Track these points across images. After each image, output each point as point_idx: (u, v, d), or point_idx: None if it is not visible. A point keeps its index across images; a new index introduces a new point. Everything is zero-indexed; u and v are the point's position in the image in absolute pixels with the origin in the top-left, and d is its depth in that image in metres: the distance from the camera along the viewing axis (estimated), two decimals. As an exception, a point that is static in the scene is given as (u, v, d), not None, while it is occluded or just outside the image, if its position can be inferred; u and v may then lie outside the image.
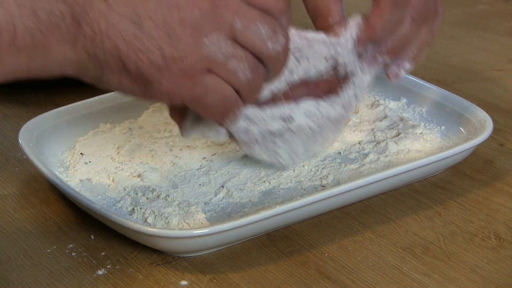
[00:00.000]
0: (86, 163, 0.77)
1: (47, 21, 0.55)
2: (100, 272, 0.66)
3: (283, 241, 0.70)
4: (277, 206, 0.67)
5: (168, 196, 0.72)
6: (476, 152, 0.80)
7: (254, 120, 0.69)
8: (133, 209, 0.71)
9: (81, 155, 0.78)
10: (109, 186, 0.75)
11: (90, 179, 0.76)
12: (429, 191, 0.76)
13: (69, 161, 0.78)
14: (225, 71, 0.60)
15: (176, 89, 0.59)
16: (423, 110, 0.85)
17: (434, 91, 0.85)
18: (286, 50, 0.62)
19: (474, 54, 1.05)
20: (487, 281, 0.65)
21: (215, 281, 0.65)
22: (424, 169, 0.75)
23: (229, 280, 0.66)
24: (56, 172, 0.75)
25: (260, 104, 0.69)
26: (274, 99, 0.69)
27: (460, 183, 0.78)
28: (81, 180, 0.76)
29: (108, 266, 0.67)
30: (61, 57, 0.57)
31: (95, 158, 0.78)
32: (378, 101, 0.88)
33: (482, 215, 0.73)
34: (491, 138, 0.80)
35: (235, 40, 0.59)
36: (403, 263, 0.67)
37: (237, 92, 0.62)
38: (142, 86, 0.59)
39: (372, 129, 0.83)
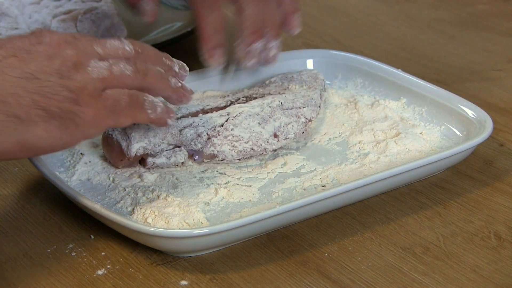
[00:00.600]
0: (86, 163, 0.77)
1: None
2: (100, 272, 0.66)
3: (283, 241, 0.70)
4: (277, 206, 0.67)
5: (168, 196, 0.72)
6: (476, 152, 0.80)
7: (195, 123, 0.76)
8: (133, 209, 0.71)
9: (81, 155, 0.78)
10: (109, 186, 0.75)
11: (90, 179, 0.76)
12: (429, 191, 0.76)
13: (69, 161, 0.78)
14: (115, 79, 0.67)
15: (97, 113, 0.65)
16: (423, 110, 0.85)
17: (434, 91, 0.85)
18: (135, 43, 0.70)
19: (474, 54, 1.06)
20: (487, 281, 0.65)
21: (215, 281, 0.65)
22: (424, 169, 0.75)
23: (229, 280, 0.66)
24: (56, 172, 0.75)
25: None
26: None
27: (460, 183, 0.78)
28: (81, 180, 0.76)
29: (108, 266, 0.67)
30: None
31: (95, 158, 0.78)
32: (378, 101, 0.88)
33: (482, 215, 0.73)
34: (491, 138, 0.80)
35: (103, 58, 0.67)
36: (403, 263, 0.67)
37: (138, 88, 0.68)
38: (71, 124, 0.64)
39: (372, 129, 0.83)
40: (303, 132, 0.80)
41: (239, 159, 0.77)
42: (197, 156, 0.76)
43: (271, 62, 0.85)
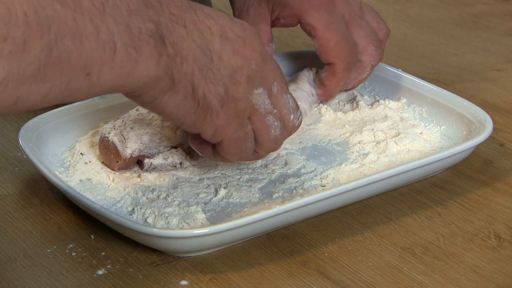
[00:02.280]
0: (86, 163, 0.77)
1: (139, 37, 0.58)
2: (100, 272, 0.66)
3: (283, 241, 0.70)
4: (277, 206, 0.67)
5: (168, 196, 0.72)
6: (476, 152, 0.80)
7: None
8: (133, 209, 0.71)
9: (81, 155, 0.78)
10: (109, 186, 0.75)
11: (90, 179, 0.76)
12: (429, 191, 0.76)
13: (69, 161, 0.78)
14: (261, 122, 0.67)
15: (225, 126, 0.65)
16: (423, 110, 0.85)
17: (434, 91, 0.85)
18: (299, 125, 0.71)
19: (474, 54, 1.05)
20: (487, 281, 0.65)
21: (215, 281, 0.65)
22: (424, 169, 0.75)
23: (229, 280, 0.66)
24: (56, 172, 0.75)
25: None
26: None
27: (460, 183, 0.78)
28: (81, 180, 0.76)
29: (108, 266, 0.67)
30: (144, 72, 0.59)
31: (95, 158, 0.78)
32: (378, 101, 0.88)
33: (482, 215, 0.73)
34: (491, 138, 0.80)
35: (269, 98, 0.67)
36: (403, 263, 0.67)
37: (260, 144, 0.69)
38: (201, 113, 0.64)
39: (372, 129, 0.83)
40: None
41: None
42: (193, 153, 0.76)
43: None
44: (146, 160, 0.75)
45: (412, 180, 0.76)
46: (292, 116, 0.69)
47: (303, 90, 0.82)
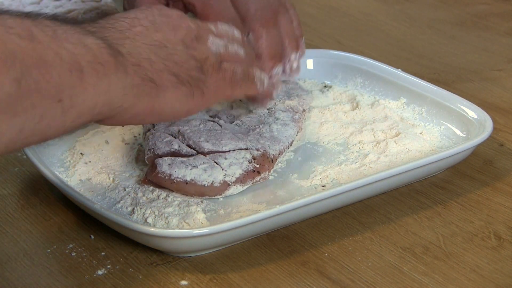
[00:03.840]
0: (86, 163, 0.77)
1: (99, 52, 0.59)
2: (100, 272, 0.66)
3: (283, 241, 0.70)
4: (277, 206, 0.67)
5: (168, 196, 0.72)
6: (476, 152, 0.80)
7: None
8: (133, 209, 0.71)
9: (81, 155, 0.78)
10: (109, 186, 0.75)
11: (90, 179, 0.76)
12: (429, 191, 0.76)
13: (69, 161, 0.78)
14: (229, 57, 0.70)
15: (217, 84, 0.68)
16: (423, 110, 0.85)
17: (434, 91, 0.85)
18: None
19: (474, 54, 1.06)
20: (487, 281, 0.65)
21: (215, 281, 0.65)
22: (424, 169, 0.75)
23: (229, 280, 0.66)
24: (56, 172, 0.75)
25: None
26: None
27: (460, 183, 0.78)
28: (81, 180, 0.76)
29: (108, 266, 0.67)
30: (120, 85, 0.60)
31: (95, 158, 0.78)
32: (378, 101, 0.88)
33: (482, 215, 0.73)
34: (491, 138, 0.80)
35: (218, 36, 0.71)
36: (403, 263, 0.67)
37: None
38: (197, 92, 0.66)
39: (372, 129, 0.83)
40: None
41: None
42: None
43: (295, 74, 0.85)
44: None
45: (412, 180, 0.76)
46: (234, 30, 0.73)
47: None
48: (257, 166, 0.73)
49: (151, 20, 0.66)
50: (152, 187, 0.73)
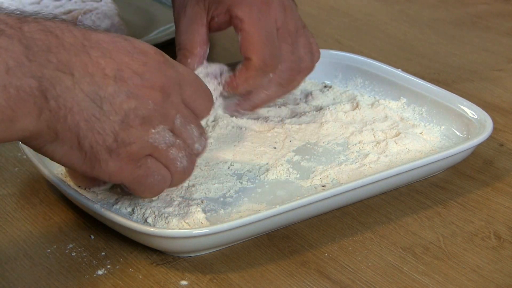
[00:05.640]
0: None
1: (17, 97, 0.57)
2: (100, 272, 0.66)
3: (283, 241, 0.70)
4: (277, 206, 0.67)
5: (168, 196, 0.72)
6: (476, 152, 0.80)
7: None
8: (133, 209, 0.71)
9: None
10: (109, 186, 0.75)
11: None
12: (429, 191, 0.76)
13: (69, 161, 0.78)
14: (165, 157, 0.64)
15: (119, 171, 0.63)
16: (423, 110, 0.85)
17: (434, 91, 0.85)
18: (204, 150, 0.68)
19: (474, 54, 1.05)
20: (487, 281, 0.65)
21: (215, 281, 0.65)
22: (424, 169, 0.75)
23: (229, 280, 0.66)
24: (56, 172, 0.75)
25: None
26: None
27: (460, 183, 0.78)
28: (81, 180, 0.76)
29: (108, 266, 0.67)
30: (22, 128, 0.58)
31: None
32: (378, 101, 0.88)
33: (482, 215, 0.73)
34: (491, 138, 0.80)
35: (173, 129, 0.64)
36: (403, 263, 0.67)
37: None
38: (89, 163, 0.62)
39: (372, 129, 0.83)
40: None
41: None
42: None
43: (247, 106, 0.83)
44: None
45: (412, 180, 0.76)
46: (196, 145, 0.66)
47: (211, 73, 0.81)
48: None
49: (120, 69, 0.60)
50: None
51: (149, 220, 0.69)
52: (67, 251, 0.69)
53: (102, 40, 0.61)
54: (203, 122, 0.72)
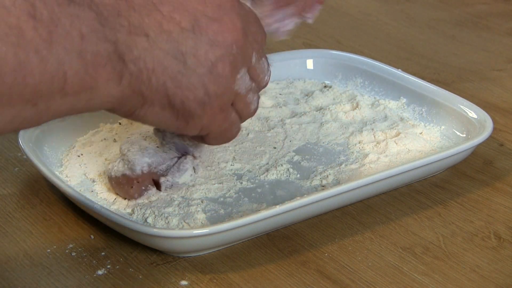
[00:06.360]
0: (85, 163, 0.77)
1: (94, 62, 0.55)
2: (100, 272, 0.66)
3: (283, 241, 0.70)
4: (277, 206, 0.67)
5: (168, 196, 0.72)
6: (476, 152, 0.80)
7: None
8: (133, 209, 0.71)
9: (80, 155, 0.78)
10: (109, 186, 0.75)
11: (90, 179, 0.76)
12: (429, 191, 0.76)
13: (69, 161, 0.78)
14: (243, 103, 0.63)
15: (211, 123, 0.62)
16: (423, 110, 0.85)
17: (434, 91, 0.85)
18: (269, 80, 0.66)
19: (474, 54, 1.06)
20: (487, 281, 0.65)
21: (215, 281, 0.65)
22: (424, 169, 0.75)
23: (229, 280, 0.66)
24: (56, 172, 0.75)
25: None
26: None
27: (460, 183, 0.78)
28: (81, 180, 0.76)
29: (108, 266, 0.67)
30: (106, 95, 0.56)
31: (94, 158, 0.78)
32: (378, 101, 0.88)
33: (482, 215, 0.73)
34: (491, 138, 0.80)
35: (249, 72, 0.63)
36: (403, 263, 0.67)
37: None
38: (183, 120, 0.61)
39: (372, 129, 0.83)
40: None
41: None
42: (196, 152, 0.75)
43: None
44: (162, 179, 0.72)
45: (412, 180, 0.76)
46: (266, 77, 0.65)
47: None
48: None
49: (196, 20, 0.58)
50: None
51: (149, 220, 0.69)
52: (67, 251, 0.69)
53: None
54: None
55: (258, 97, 0.66)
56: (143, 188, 0.72)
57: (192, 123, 0.61)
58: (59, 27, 0.53)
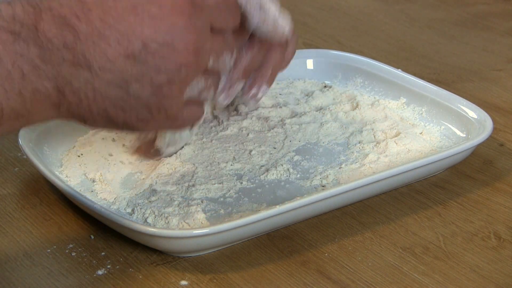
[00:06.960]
0: (85, 163, 0.77)
1: (33, 99, 0.56)
2: (100, 272, 0.66)
3: (283, 241, 0.70)
4: (277, 206, 0.67)
5: (168, 196, 0.72)
6: (476, 152, 0.80)
7: None
8: (133, 209, 0.71)
9: (80, 155, 0.78)
10: (109, 186, 0.75)
11: (90, 179, 0.76)
12: (429, 191, 0.76)
13: (69, 161, 0.78)
14: (197, 101, 0.64)
15: (160, 128, 0.66)
16: (423, 110, 0.85)
17: (434, 91, 0.85)
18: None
19: (474, 54, 1.06)
20: (487, 281, 0.65)
21: (215, 281, 0.65)
22: (424, 169, 0.75)
23: (229, 280, 0.66)
24: (56, 172, 0.75)
25: None
26: None
27: (460, 183, 0.78)
28: (81, 180, 0.76)
29: (108, 266, 0.67)
30: (44, 118, 0.59)
31: (94, 158, 0.78)
32: (378, 101, 0.88)
33: (482, 215, 0.73)
34: (491, 138, 0.80)
35: (205, 72, 0.63)
36: (403, 263, 0.67)
37: None
38: (128, 130, 0.62)
39: (372, 129, 0.83)
40: None
41: None
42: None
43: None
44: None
45: (412, 180, 0.76)
46: (228, 65, 0.65)
47: None
48: None
49: (145, 45, 0.57)
50: (153, 186, 0.73)
51: (149, 220, 0.69)
52: (67, 251, 0.69)
53: (121, 12, 0.57)
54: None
55: (216, 85, 0.65)
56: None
57: (137, 131, 0.66)
58: (0, 67, 0.55)
